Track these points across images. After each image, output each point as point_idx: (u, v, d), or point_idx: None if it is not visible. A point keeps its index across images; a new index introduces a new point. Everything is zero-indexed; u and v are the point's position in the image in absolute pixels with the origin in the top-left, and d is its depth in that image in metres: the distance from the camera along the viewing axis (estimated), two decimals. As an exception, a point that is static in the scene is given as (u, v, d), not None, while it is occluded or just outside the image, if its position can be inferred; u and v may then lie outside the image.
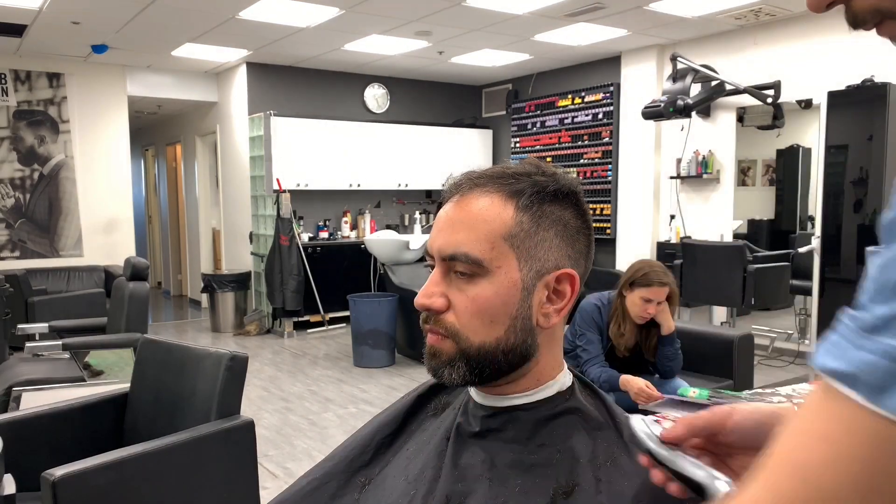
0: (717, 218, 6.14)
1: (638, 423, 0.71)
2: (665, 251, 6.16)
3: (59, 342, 3.49)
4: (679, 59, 5.39)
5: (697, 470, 0.65)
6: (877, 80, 4.87)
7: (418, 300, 0.81)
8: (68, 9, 5.11)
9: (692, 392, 2.50)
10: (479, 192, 0.80)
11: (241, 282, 7.18)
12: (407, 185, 7.79)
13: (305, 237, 7.11)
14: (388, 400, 4.43)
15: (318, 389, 4.93)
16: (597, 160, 7.02)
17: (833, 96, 5.03)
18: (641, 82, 6.59)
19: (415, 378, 5.11)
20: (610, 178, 6.91)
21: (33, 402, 2.75)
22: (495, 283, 0.78)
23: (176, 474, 2.09)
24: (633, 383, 2.69)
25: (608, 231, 6.95)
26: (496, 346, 0.79)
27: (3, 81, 6.57)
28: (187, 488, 2.13)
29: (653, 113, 5.45)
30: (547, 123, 7.50)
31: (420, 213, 7.87)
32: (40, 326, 3.94)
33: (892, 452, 0.38)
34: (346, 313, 6.21)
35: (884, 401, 0.38)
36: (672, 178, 6.40)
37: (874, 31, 0.47)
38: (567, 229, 0.81)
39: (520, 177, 0.80)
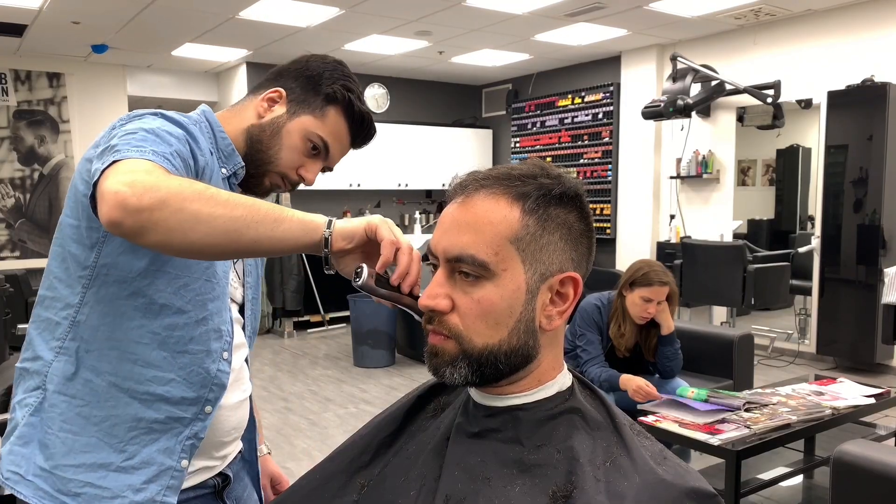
0: (716, 218, 6.14)
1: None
2: (665, 251, 6.15)
3: (60, 342, 3.48)
4: (679, 58, 5.39)
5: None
6: (877, 80, 4.87)
7: (423, 301, 0.81)
8: (68, 9, 5.11)
9: (691, 392, 2.51)
10: (484, 193, 0.79)
11: (241, 282, 7.17)
12: (407, 185, 7.79)
13: (305, 237, 7.09)
14: (388, 400, 4.44)
15: (318, 389, 4.93)
16: (597, 160, 7.02)
17: (833, 96, 5.03)
18: (641, 82, 6.59)
19: (415, 378, 5.11)
20: (610, 178, 6.91)
21: (34, 402, 2.74)
22: (500, 286, 0.78)
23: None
24: (633, 381, 2.69)
25: (608, 231, 6.95)
26: (499, 348, 0.79)
27: (3, 81, 6.57)
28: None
29: (653, 113, 5.45)
30: (547, 123, 7.50)
31: (420, 213, 7.86)
32: (40, 326, 3.93)
33: None
34: (346, 313, 6.21)
35: None
36: (672, 178, 6.40)
37: None
38: (571, 232, 0.80)
39: (525, 179, 0.79)
